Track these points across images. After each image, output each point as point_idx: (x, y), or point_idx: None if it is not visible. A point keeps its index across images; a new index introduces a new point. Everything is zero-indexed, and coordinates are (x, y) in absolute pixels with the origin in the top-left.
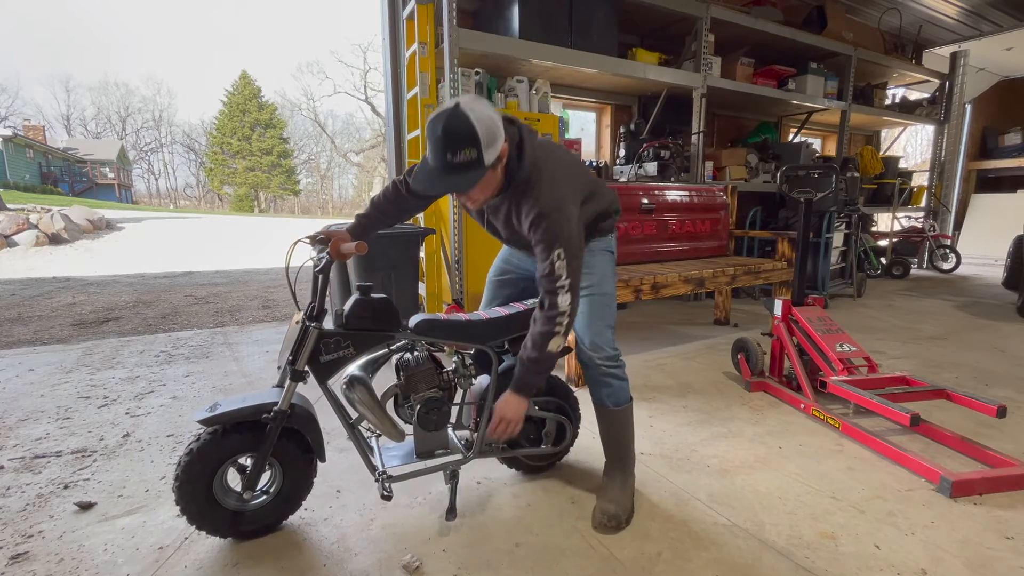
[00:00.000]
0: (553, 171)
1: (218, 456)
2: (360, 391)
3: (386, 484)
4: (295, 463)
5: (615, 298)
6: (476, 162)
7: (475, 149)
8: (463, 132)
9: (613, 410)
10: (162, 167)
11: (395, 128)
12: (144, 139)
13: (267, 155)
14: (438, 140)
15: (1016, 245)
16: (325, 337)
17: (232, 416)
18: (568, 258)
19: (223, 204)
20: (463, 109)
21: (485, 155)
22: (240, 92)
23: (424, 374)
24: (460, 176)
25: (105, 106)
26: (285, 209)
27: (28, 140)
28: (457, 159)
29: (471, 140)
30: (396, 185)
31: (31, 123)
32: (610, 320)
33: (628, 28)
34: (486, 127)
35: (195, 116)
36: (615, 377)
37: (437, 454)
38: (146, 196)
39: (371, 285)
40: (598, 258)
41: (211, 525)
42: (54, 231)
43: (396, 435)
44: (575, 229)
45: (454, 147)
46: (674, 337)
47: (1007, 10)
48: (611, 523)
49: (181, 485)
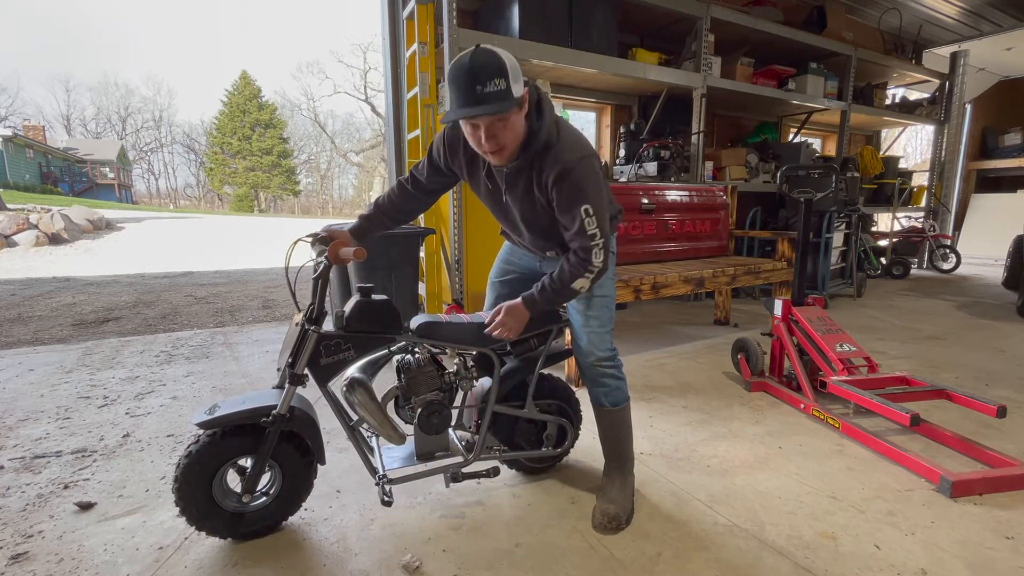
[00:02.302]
0: (572, 131)
1: (217, 459)
2: (361, 394)
3: (386, 488)
4: (294, 466)
5: (614, 299)
6: (506, 92)
7: (504, 79)
8: (492, 63)
9: (611, 410)
10: (162, 167)
11: (395, 128)
12: (144, 139)
13: (267, 155)
14: (467, 72)
15: (1016, 245)
16: (325, 339)
17: (231, 419)
18: (597, 215)
19: (223, 204)
20: (486, 46)
21: (513, 88)
22: (240, 92)
23: (425, 376)
24: (492, 105)
25: (105, 106)
26: (285, 209)
27: (28, 140)
28: (488, 88)
29: (500, 70)
30: (402, 184)
31: (31, 123)
32: (608, 321)
33: (628, 28)
34: (511, 61)
35: (195, 116)
36: (612, 377)
37: (437, 456)
38: (146, 196)
39: (372, 287)
40: None
41: (211, 526)
42: (54, 231)
43: (396, 438)
44: (601, 184)
45: (484, 78)
46: (674, 337)
47: (1007, 10)
48: (611, 524)
49: (180, 487)
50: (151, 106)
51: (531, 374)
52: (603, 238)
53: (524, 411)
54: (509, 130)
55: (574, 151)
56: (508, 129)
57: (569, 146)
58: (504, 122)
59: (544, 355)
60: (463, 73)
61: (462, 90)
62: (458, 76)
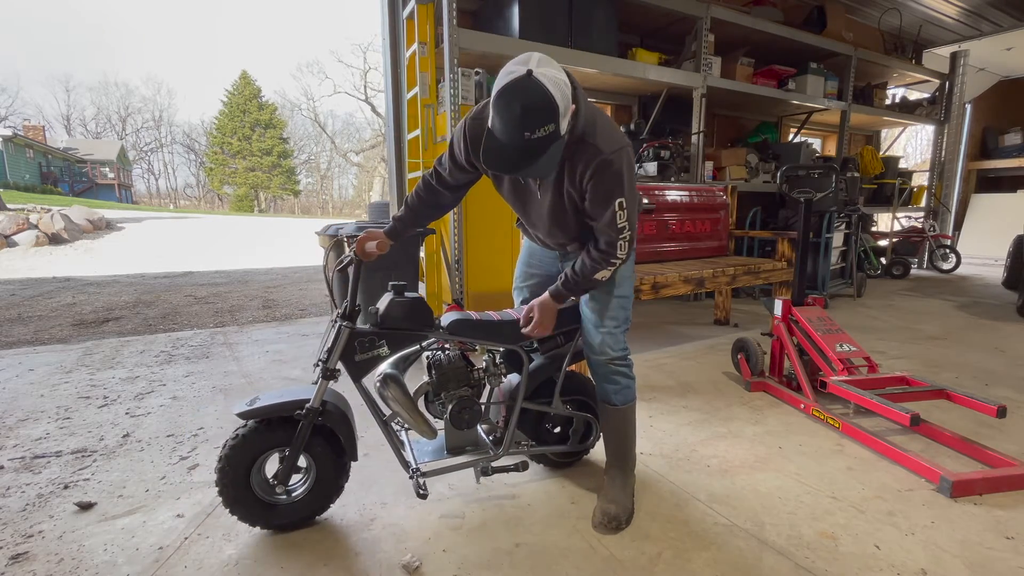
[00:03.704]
0: (606, 121)
1: (254, 448)
2: (394, 389)
3: (420, 481)
4: (326, 461)
5: (631, 300)
6: (553, 135)
7: (554, 123)
8: (542, 106)
9: (619, 408)
10: (162, 167)
11: (395, 128)
12: (144, 139)
13: (267, 155)
14: (516, 118)
15: (1016, 245)
16: (359, 336)
17: (267, 411)
18: (628, 208)
19: (223, 204)
20: (537, 78)
21: (561, 126)
22: (240, 92)
23: (456, 372)
24: (540, 156)
25: (105, 106)
26: (285, 209)
27: (28, 140)
28: (535, 135)
29: (551, 115)
30: (427, 180)
31: (31, 123)
32: (624, 322)
33: (628, 28)
34: (561, 94)
35: (195, 116)
36: (623, 375)
37: (467, 450)
38: (146, 196)
39: (405, 284)
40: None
41: (243, 512)
42: (54, 231)
43: (429, 433)
44: (633, 177)
45: (533, 125)
46: (674, 337)
47: (1007, 10)
48: (611, 524)
49: (223, 467)
50: (151, 106)
51: (558, 371)
52: (631, 231)
53: (552, 407)
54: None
55: (611, 143)
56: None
57: (606, 138)
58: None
59: (571, 352)
60: (510, 116)
61: (508, 131)
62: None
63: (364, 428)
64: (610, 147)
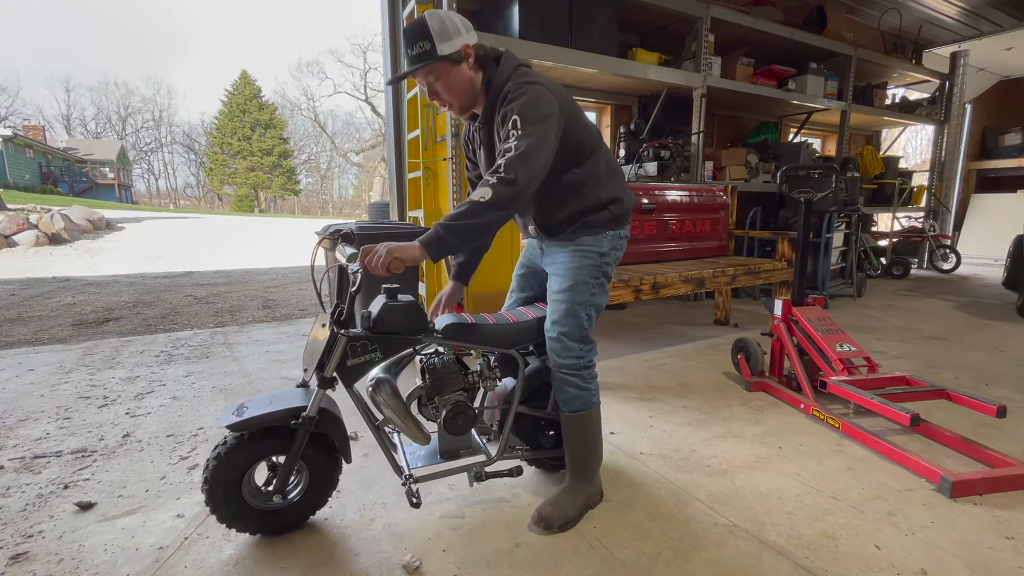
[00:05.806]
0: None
1: (245, 460)
2: (386, 394)
3: (413, 489)
4: (321, 464)
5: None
6: (430, 52)
7: (428, 41)
8: (416, 28)
9: (567, 415)
10: (162, 167)
11: (395, 128)
12: (144, 139)
13: (267, 155)
14: (403, 40)
15: (1016, 245)
16: (352, 341)
17: (261, 421)
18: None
19: (223, 204)
20: (422, 14)
21: (438, 47)
22: (240, 92)
23: (450, 376)
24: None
25: (105, 106)
26: (285, 209)
27: (28, 140)
28: (413, 51)
29: (423, 34)
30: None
31: (31, 123)
32: (576, 329)
33: (628, 28)
34: (439, 22)
35: (195, 116)
36: (573, 385)
37: (461, 455)
38: (146, 196)
39: (398, 287)
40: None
41: (240, 524)
42: (54, 231)
43: (421, 438)
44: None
45: (410, 42)
46: (674, 337)
47: (1007, 10)
48: (539, 523)
49: (210, 488)
50: (151, 106)
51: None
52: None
53: (547, 411)
54: (448, 85)
55: (525, 79)
56: (447, 85)
57: (522, 79)
58: (438, 78)
59: None
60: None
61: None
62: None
63: (364, 428)
64: (516, 84)
